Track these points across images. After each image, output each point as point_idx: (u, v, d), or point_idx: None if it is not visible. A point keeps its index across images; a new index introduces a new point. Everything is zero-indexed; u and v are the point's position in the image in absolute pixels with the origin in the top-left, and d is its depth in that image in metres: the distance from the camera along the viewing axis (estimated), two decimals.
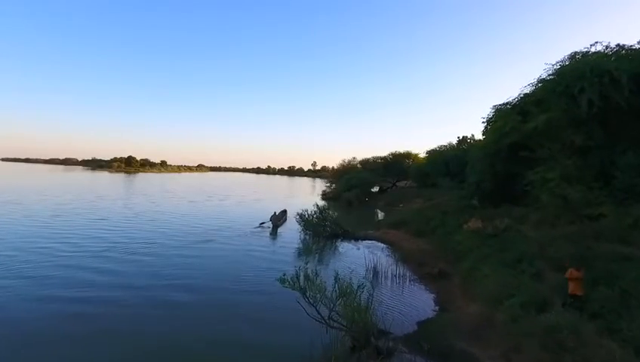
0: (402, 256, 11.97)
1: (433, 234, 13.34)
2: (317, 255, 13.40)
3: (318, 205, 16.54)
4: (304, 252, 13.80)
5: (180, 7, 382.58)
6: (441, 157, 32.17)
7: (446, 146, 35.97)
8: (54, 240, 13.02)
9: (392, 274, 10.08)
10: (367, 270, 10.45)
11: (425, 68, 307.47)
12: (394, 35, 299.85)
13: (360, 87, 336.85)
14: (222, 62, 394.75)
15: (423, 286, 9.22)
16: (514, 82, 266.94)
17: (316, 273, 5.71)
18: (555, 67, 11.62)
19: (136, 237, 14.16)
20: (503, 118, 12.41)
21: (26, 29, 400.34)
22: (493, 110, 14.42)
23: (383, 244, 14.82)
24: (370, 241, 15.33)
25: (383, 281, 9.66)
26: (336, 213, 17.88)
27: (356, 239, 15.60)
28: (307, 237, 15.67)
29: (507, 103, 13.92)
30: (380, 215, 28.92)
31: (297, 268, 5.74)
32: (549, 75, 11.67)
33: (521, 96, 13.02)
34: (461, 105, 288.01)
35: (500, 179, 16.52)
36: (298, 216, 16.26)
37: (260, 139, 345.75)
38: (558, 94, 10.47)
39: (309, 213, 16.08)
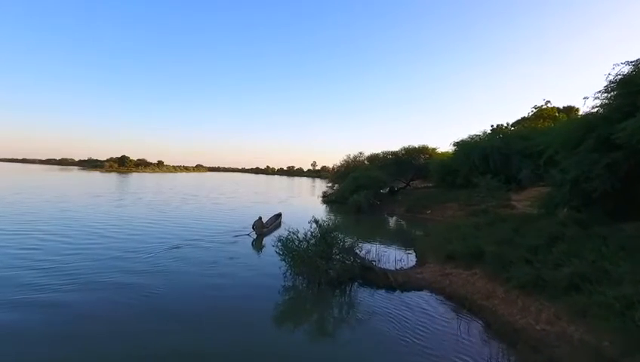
0: None
1: (579, 294, 5.90)
2: (315, 327, 6.23)
3: (317, 222, 8.69)
4: (291, 315, 6.60)
5: (179, 7, 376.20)
6: (477, 150, 24.56)
7: (479, 136, 28.25)
8: None
9: None
10: None
11: (426, 69, 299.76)
12: (395, 35, 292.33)
13: (361, 87, 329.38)
14: (222, 63, 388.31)
15: None
16: (515, 83, 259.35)
17: None
18: None
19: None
20: None
21: (23, 29, 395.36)
22: None
23: (447, 301, 7.48)
24: (419, 293, 7.97)
25: None
26: (339, 219, 11.01)
27: (390, 287, 8.23)
28: (300, 279, 8.28)
29: None
30: (395, 223, 21.61)
31: None
32: None
33: None
34: (463, 105, 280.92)
35: (624, 174, 9.16)
36: (280, 245, 8.33)
37: (259, 140, 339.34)
38: None
39: (301, 237, 8.29)
